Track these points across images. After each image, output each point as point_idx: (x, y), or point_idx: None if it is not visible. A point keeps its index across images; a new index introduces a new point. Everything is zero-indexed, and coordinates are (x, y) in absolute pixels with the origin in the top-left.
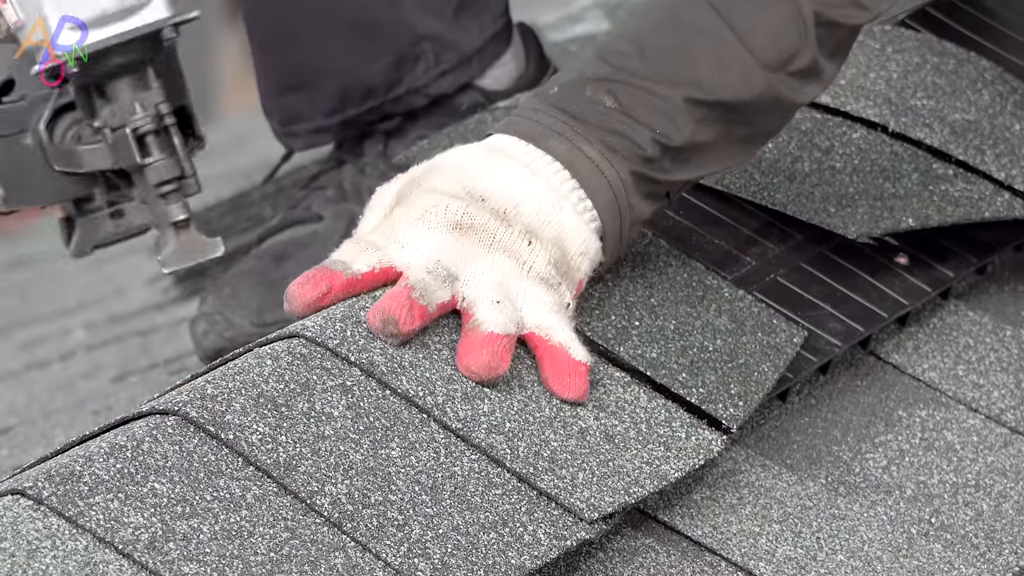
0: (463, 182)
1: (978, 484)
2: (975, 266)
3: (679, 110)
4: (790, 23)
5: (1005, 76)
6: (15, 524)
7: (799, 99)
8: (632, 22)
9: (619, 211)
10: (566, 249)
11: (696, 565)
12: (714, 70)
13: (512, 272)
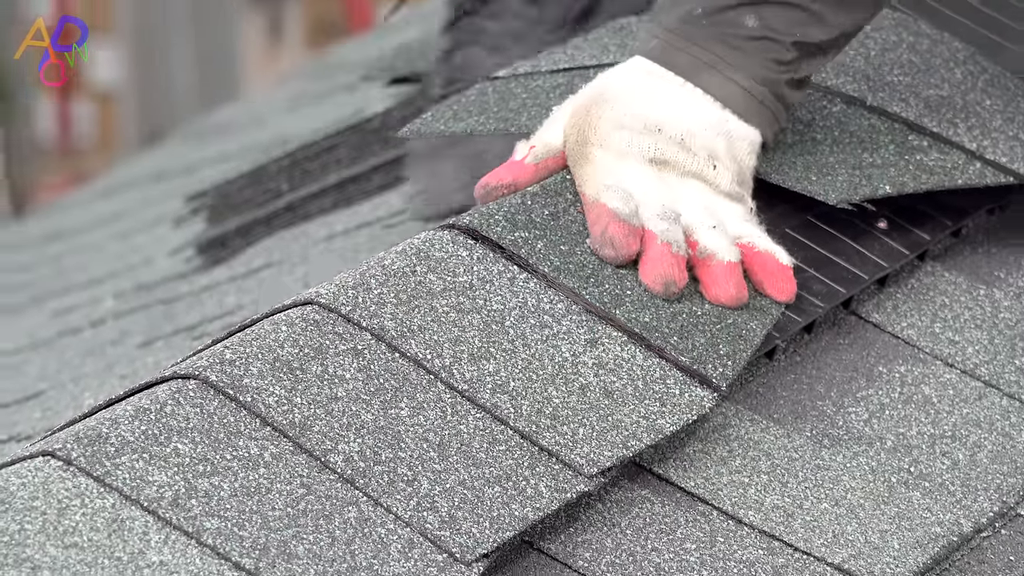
0: (639, 114)
1: (954, 435)
2: (950, 229)
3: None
4: None
5: (976, 57)
6: (46, 484)
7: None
8: None
9: (773, 115)
10: (741, 162)
11: (689, 515)
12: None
13: (709, 195)
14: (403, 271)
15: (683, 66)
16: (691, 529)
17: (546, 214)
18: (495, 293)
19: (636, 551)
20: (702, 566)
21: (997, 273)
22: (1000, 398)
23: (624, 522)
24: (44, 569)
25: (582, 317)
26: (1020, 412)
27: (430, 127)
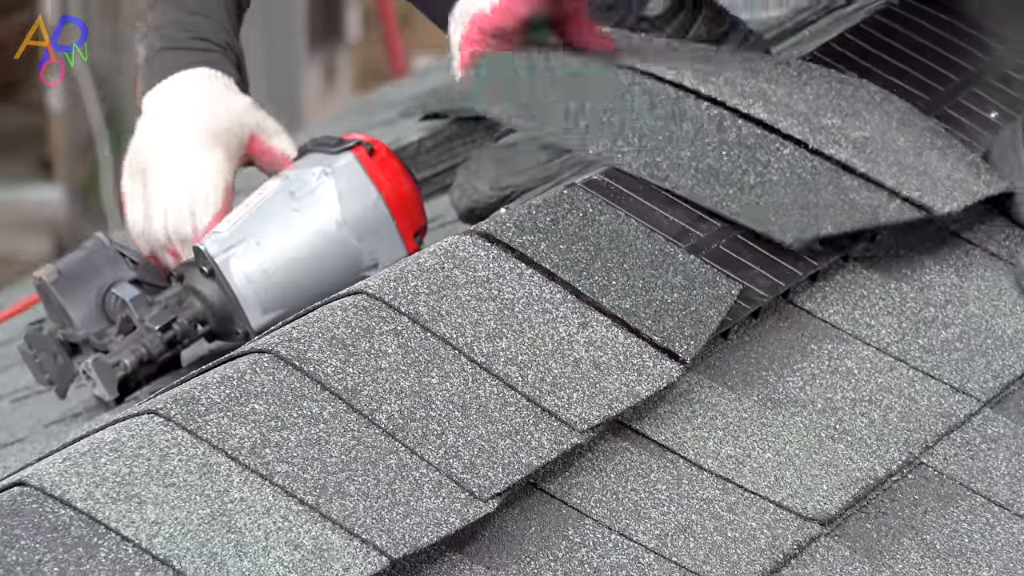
0: None
1: (871, 399)
2: (869, 236)
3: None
4: None
5: (890, 97)
6: (150, 436)
7: None
8: None
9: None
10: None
11: (660, 462)
12: None
13: None
14: (434, 267)
15: None
16: (662, 473)
17: (548, 221)
18: (507, 285)
19: (618, 491)
20: (670, 503)
21: (904, 271)
22: (907, 370)
23: (608, 468)
24: (148, 503)
25: (576, 304)
26: (923, 381)
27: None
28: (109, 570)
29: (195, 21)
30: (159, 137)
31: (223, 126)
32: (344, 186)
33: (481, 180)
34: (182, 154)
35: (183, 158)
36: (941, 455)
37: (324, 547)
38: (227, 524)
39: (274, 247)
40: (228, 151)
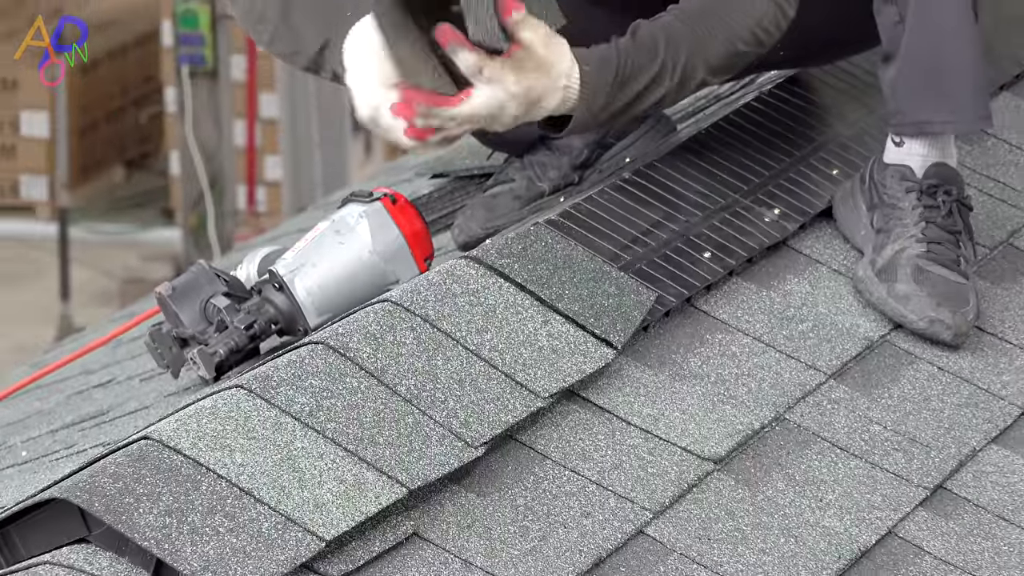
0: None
1: (749, 373)
2: (746, 257)
3: None
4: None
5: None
6: (237, 403)
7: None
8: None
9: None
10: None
11: (600, 420)
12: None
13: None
14: (438, 283)
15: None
16: (601, 427)
17: (519, 248)
18: (490, 295)
19: (570, 440)
20: (607, 448)
21: (772, 282)
22: (775, 353)
23: (564, 424)
24: (236, 451)
25: (539, 308)
26: (786, 361)
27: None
28: (208, 499)
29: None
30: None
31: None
32: (375, 225)
33: (473, 221)
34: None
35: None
36: (799, 413)
37: (361, 481)
38: (292, 465)
39: (325, 269)
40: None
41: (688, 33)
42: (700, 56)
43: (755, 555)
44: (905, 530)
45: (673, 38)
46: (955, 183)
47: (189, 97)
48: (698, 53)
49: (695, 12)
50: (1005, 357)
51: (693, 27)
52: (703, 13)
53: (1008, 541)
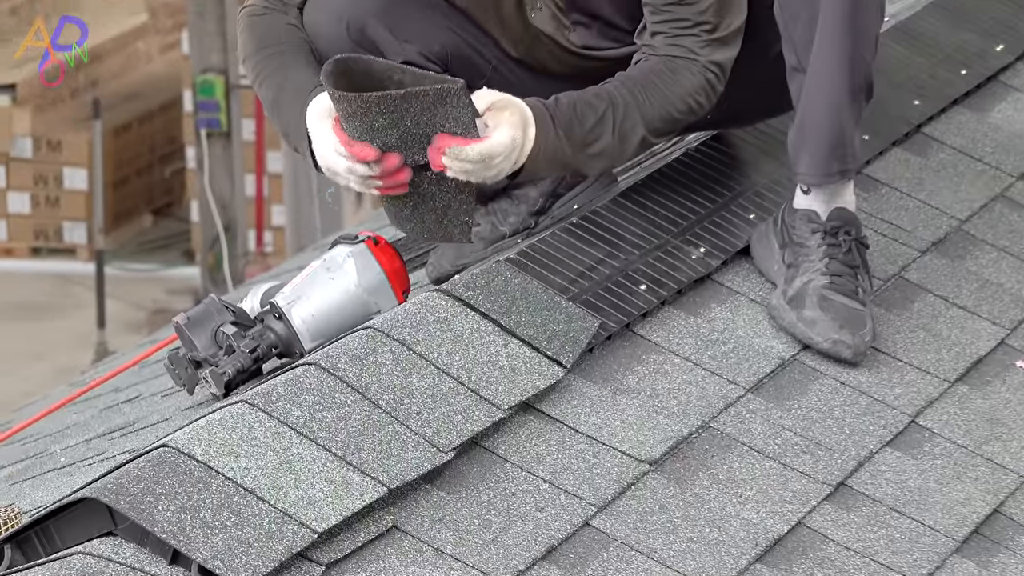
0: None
1: (680, 388)
2: (676, 289)
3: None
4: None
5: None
6: (242, 416)
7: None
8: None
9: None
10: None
11: (552, 428)
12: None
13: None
14: (414, 312)
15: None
16: (553, 435)
17: (483, 283)
18: (458, 322)
19: (527, 446)
20: (558, 453)
21: (699, 310)
22: (701, 371)
23: (521, 432)
24: (241, 456)
25: (500, 333)
26: (711, 377)
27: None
28: (217, 497)
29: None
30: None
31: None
32: (360, 264)
33: (444, 260)
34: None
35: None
36: (722, 421)
37: (348, 482)
38: (289, 468)
39: (318, 301)
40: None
41: (630, 97)
42: (639, 117)
43: (684, 543)
44: (812, 521)
45: (615, 100)
46: (854, 225)
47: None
48: (638, 115)
49: (637, 81)
50: (897, 373)
51: (634, 93)
52: (644, 83)
53: (900, 530)
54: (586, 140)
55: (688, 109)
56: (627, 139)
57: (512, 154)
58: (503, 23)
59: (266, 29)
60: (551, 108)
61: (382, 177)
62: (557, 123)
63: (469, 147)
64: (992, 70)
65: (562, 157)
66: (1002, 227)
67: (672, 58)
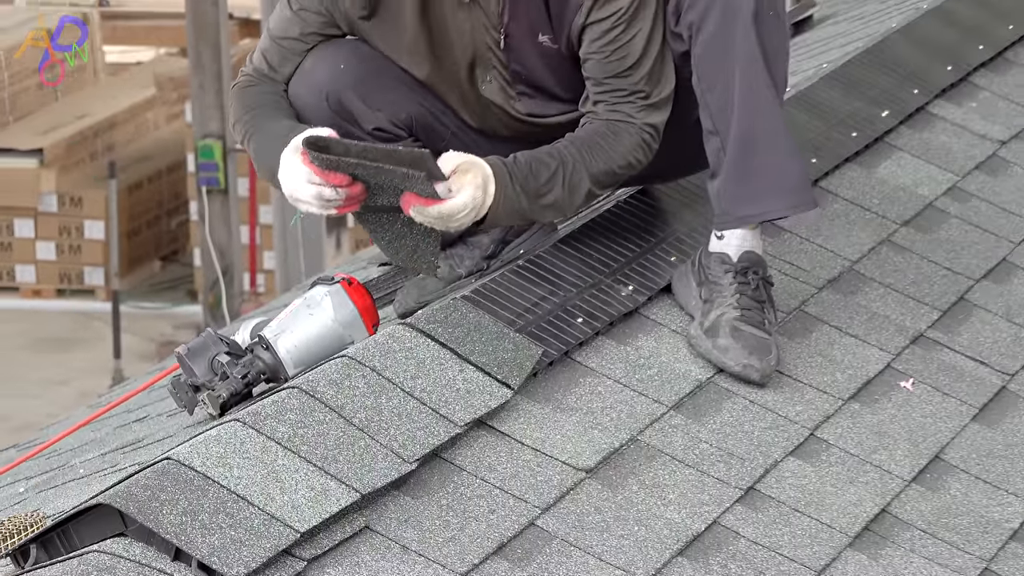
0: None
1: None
2: (608, 321)
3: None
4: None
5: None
6: (235, 432)
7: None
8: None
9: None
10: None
11: (502, 442)
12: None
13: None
14: (382, 343)
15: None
16: (502, 448)
17: (443, 317)
18: (421, 351)
19: (480, 457)
20: (507, 463)
21: (627, 339)
22: (631, 392)
23: (475, 445)
24: (234, 467)
25: (457, 360)
26: (638, 397)
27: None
28: (213, 503)
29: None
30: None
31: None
32: (336, 301)
33: (409, 297)
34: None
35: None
36: (648, 435)
37: (326, 489)
38: (275, 477)
39: (300, 333)
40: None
41: (578, 155)
42: (586, 173)
43: (616, 540)
44: (726, 520)
45: (565, 158)
46: (761, 266)
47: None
48: (584, 171)
49: (583, 141)
50: (798, 393)
51: (581, 152)
52: (589, 143)
53: (801, 527)
54: (540, 193)
55: (628, 165)
56: (575, 192)
57: (472, 211)
58: (459, 95)
59: (253, 95)
60: (509, 166)
61: (344, 199)
62: (515, 179)
63: (431, 207)
64: (878, 132)
65: (519, 209)
66: (887, 267)
67: (613, 122)
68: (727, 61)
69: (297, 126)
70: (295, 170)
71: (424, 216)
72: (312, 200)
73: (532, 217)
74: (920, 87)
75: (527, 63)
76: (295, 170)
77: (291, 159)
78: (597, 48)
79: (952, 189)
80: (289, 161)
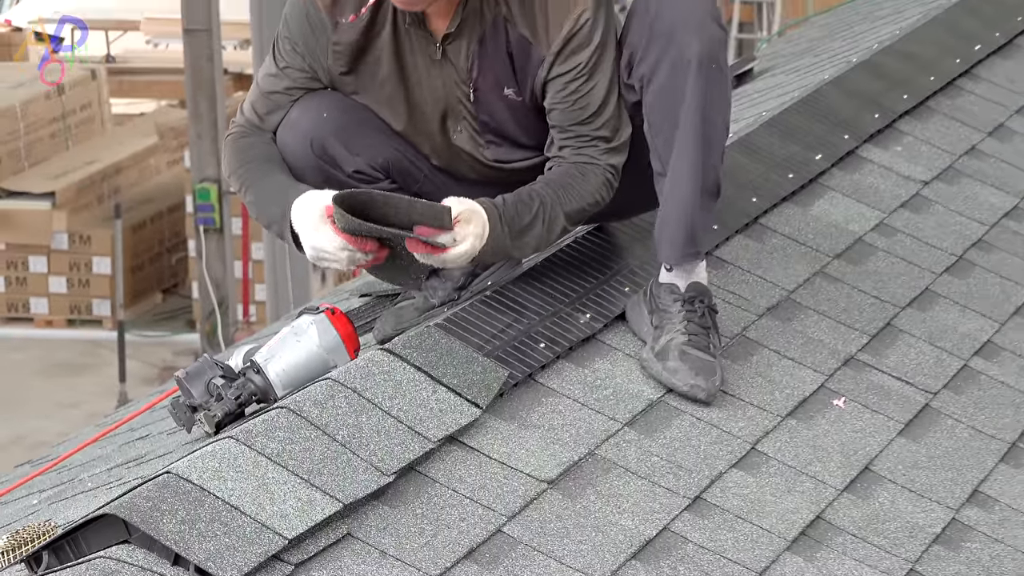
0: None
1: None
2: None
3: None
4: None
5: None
6: (228, 448)
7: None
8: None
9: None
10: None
11: (471, 456)
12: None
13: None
14: (363, 366)
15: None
16: (472, 461)
17: (417, 343)
18: (397, 373)
19: (451, 469)
20: (476, 475)
21: (585, 363)
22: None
23: (448, 459)
24: (228, 480)
25: (430, 382)
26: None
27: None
28: (209, 512)
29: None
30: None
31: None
32: (320, 329)
33: (387, 325)
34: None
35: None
36: (604, 449)
37: (312, 499)
38: (265, 488)
39: (288, 358)
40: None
41: (553, 196)
42: (561, 211)
43: (575, 544)
44: (675, 526)
45: (544, 199)
46: (707, 295)
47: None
48: (560, 209)
49: (557, 183)
50: (740, 410)
51: (556, 192)
52: (562, 184)
53: (744, 532)
54: (523, 232)
55: (595, 202)
56: (552, 229)
57: (470, 256)
58: (432, 143)
59: (246, 147)
60: (500, 208)
61: (371, 259)
62: (503, 221)
63: (437, 255)
64: (813, 174)
65: (504, 247)
66: (821, 296)
67: (580, 164)
68: (673, 110)
69: (292, 183)
70: (327, 238)
71: (429, 260)
72: (344, 262)
73: (513, 254)
74: (850, 133)
75: (494, 114)
76: (327, 238)
77: (321, 227)
78: (561, 99)
79: (879, 225)
80: (318, 228)
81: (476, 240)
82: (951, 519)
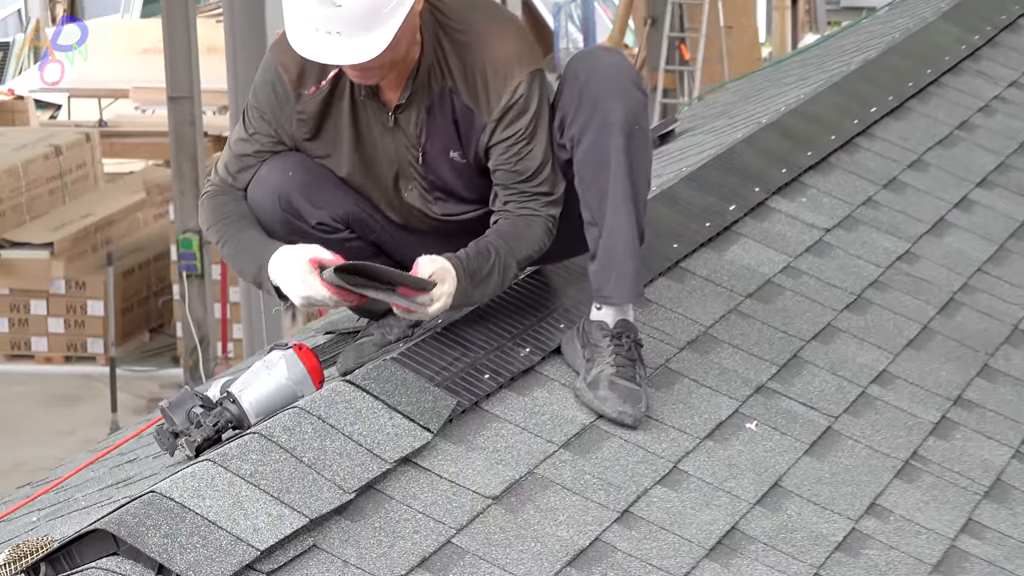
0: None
1: (513, 446)
2: (510, 377)
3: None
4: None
5: None
6: (206, 470)
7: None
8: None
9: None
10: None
11: (424, 475)
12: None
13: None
14: (327, 396)
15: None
16: (425, 480)
17: (376, 375)
18: (357, 402)
19: (407, 488)
20: (429, 492)
21: (528, 393)
22: (527, 434)
23: (403, 478)
24: (206, 497)
25: (387, 409)
26: (534, 438)
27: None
28: (189, 527)
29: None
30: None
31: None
32: (289, 363)
33: (349, 359)
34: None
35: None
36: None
37: (281, 514)
38: (240, 505)
39: (260, 389)
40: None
41: (505, 246)
42: (513, 259)
43: (516, 553)
44: (606, 536)
45: (499, 249)
46: (633, 331)
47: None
48: (512, 258)
49: (507, 234)
50: (664, 433)
51: (508, 243)
52: (512, 234)
53: (667, 542)
54: (483, 281)
55: (539, 248)
56: (506, 276)
57: (444, 311)
58: (386, 200)
59: (220, 205)
60: (464, 262)
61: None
62: (467, 273)
63: (414, 314)
64: (727, 223)
65: (466, 296)
66: (735, 331)
67: (525, 216)
68: (602, 167)
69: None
70: (315, 289)
71: (409, 317)
72: (331, 306)
73: (470, 301)
74: (760, 186)
75: (441, 174)
76: (315, 289)
77: (308, 280)
78: (503, 161)
79: (787, 268)
80: (306, 281)
81: (448, 298)
82: (851, 529)
